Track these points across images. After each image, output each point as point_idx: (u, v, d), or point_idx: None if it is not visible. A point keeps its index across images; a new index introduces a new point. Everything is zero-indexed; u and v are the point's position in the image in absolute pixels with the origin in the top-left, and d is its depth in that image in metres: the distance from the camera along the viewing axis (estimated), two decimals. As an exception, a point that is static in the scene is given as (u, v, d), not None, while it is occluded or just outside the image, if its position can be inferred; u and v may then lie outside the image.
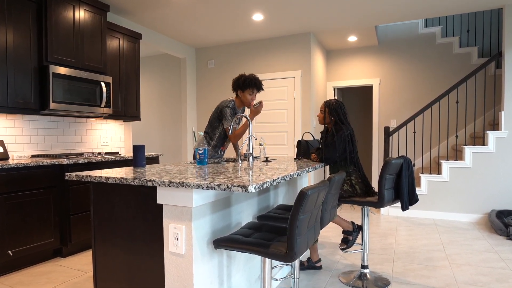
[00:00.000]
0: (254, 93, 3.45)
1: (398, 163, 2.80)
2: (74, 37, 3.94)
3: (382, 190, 2.75)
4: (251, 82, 3.39)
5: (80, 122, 4.52)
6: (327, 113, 3.17)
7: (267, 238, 1.89)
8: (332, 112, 3.14)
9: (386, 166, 2.71)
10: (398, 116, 6.64)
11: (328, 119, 3.17)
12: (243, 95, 3.45)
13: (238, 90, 3.47)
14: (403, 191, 2.83)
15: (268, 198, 2.86)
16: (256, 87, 3.42)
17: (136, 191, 2.00)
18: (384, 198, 2.75)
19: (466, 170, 5.15)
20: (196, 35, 6.01)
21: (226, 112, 3.41)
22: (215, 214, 2.05)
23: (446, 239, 4.23)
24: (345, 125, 3.10)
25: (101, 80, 4.18)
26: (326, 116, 3.18)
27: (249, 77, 3.40)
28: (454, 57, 6.25)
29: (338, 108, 3.15)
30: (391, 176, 2.80)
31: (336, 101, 3.19)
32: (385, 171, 2.72)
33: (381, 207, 2.78)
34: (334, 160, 3.07)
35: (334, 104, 3.16)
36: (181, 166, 2.64)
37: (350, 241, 3.11)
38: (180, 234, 1.84)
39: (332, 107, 3.15)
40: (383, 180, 2.74)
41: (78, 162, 3.69)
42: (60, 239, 3.63)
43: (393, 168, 2.77)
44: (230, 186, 1.62)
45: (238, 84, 3.44)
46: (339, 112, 3.13)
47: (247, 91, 3.42)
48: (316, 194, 1.72)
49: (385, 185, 2.75)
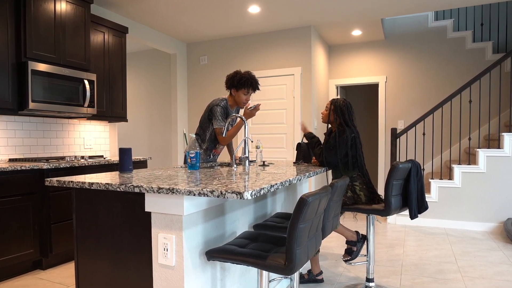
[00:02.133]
0: (250, 93, 3.46)
1: (406, 168, 2.82)
2: (55, 31, 3.94)
3: (389, 196, 2.76)
4: (247, 82, 3.40)
5: (61, 123, 4.52)
6: (331, 111, 3.19)
7: (264, 249, 1.90)
8: (337, 110, 3.17)
9: (393, 171, 2.73)
10: (406, 117, 6.67)
11: (332, 117, 3.19)
12: (237, 94, 3.46)
13: (232, 89, 3.48)
14: (412, 197, 2.85)
15: (265, 206, 2.87)
16: (252, 87, 3.43)
17: (122, 198, 2.01)
18: (391, 205, 2.77)
19: (480, 175, 5.18)
20: (187, 28, 6.03)
21: (216, 111, 3.42)
22: (208, 223, 2.06)
23: (458, 250, 4.25)
24: (350, 127, 3.12)
25: (85, 78, 4.19)
26: (330, 114, 3.21)
27: (245, 75, 3.41)
28: (467, 52, 6.29)
29: (344, 107, 3.17)
30: (399, 182, 2.81)
31: (345, 100, 3.22)
32: (392, 176, 2.73)
33: (387, 215, 2.80)
34: (335, 164, 3.09)
35: (341, 103, 3.18)
36: (171, 171, 2.64)
37: (354, 252, 3.12)
38: (170, 245, 1.85)
39: (337, 106, 3.17)
40: (390, 186, 2.75)
41: (60, 166, 3.69)
42: (40, 250, 3.62)
43: (401, 173, 2.79)
44: (224, 192, 1.64)
45: (232, 82, 3.45)
46: (345, 112, 3.15)
47: (242, 91, 3.43)
48: (318, 201, 1.73)
49: (392, 191, 2.77)
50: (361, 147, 3.15)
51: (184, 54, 6.84)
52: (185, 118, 6.85)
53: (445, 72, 6.41)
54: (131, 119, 7.76)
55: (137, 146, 7.70)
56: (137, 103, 7.70)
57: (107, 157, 4.77)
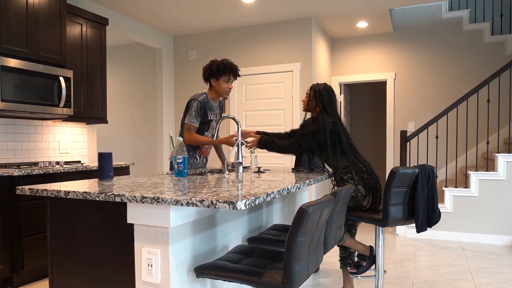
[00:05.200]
0: (231, 80, 3.57)
1: (409, 174, 2.82)
2: (27, 23, 3.95)
3: (387, 205, 2.80)
4: (226, 67, 3.50)
5: (34, 125, 4.52)
6: (311, 96, 3.27)
7: (260, 265, 1.91)
8: (316, 95, 3.24)
9: (392, 177, 2.76)
10: (417, 118, 6.71)
11: (313, 104, 3.26)
12: (218, 83, 3.55)
13: (211, 79, 3.57)
14: (418, 208, 2.85)
15: (260, 217, 2.88)
16: (232, 72, 3.54)
17: (102, 208, 2.02)
18: (388, 215, 2.79)
19: (499, 183, 5.21)
20: (174, 20, 6.05)
21: (191, 106, 3.50)
22: (197, 236, 2.07)
23: (475, 266, 4.28)
24: (328, 113, 3.17)
25: (60, 75, 4.19)
26: (310, 100, 3.28)
27: (223, 61, 3.51)
28: (485, 46, 6.34)
29: (324, 91, 3.24)
30: (402, 189, 2.83)
31: (325, 84, 3.29)
32: (391, 183, 2.77)
33: (385, 226, 2.82)
34: (310, 149, 3.14)
35: (321, 87, 3.25)
36: (156, 178, 2.65)
37: (362, 267, 3.14)
38: (154, 260, 1.86)
39: (317, 91, 3.25)
40: (388, 194, 2.79)
41: (32, 173, 3.68)
42: (11, 266, 3.61)
43: (403, 179, 2.80)
44: (215, 202, 1.65)
45: (211, 72, 3.54)
46: (324, 96, 3.22)
47: (222, 79, 3.53)
48: (319, 211, 1.75)
49: (391, 199, 2.79)
50: (347, 134, 3.17)
51: (170, 48, 6.86)
52: (171, 120, 6.86)
53: (461, 68, 6.46)
54: (112, 121, 7.76)
55: (118, 150, 7.70)
56: (118, 103, 7.70)
57: (85, 163, 4.77)
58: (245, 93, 6.39)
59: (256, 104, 6.30)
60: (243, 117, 6.40)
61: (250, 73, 6.32)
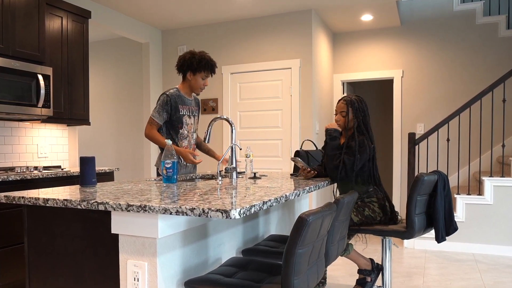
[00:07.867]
0: (208, 77, 3.65)
1: (432, 180, 2.82)
2: (3, 16, 3.95)
3: (412, 215, 2.75)
4: (207, 64, 3.57)
5: (10, 127, 4.51)
6: (351, 114, 3.12)
7: (256, 279, 1.92)
8: (357, 112, 3.12)
9: (418, 184, 2.73)
10: (427, 119, 6.73)
11: (352, 122, 3.14)
12: (195, 78, 3.61)
13: (188, 72, 3.61)
14: (439, 216, 2.84)
15: (256, 227, 2.89)
16: (211, 70, 3.62)
17: (84, 217, 2.02)
18: (414, 226, 2.76)
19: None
20: (163, 12, 6.05)
21: (159, 100, 3.56)
22: (188, 248, 2.07)
23: (489, 280, 4.29)
24: (369, 133, 3.11)
25: (38, 72, 4.19)
26: (349, 119, 3.13)
27: (204, 57, 3.57)
28: (500, 41, 6.36)
29: (365, 107, 3.15)
30: (423, 197, 2.82)
31: (358, 97, 3.18)
32: (416, 190, 2.73)
33: (410, 238, 2.79)
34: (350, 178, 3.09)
35: (358, 103, 3.14)
36: (142, 185, 2.66)
37: (368, 284, 3.14)
38: (141, 274, 1.86)
39: (356, 107, 3.12)
40: (413, 202, 2.74)
41: (8, 179, 3.68)
42: (-18, 282, 3.60)
43: (426, 186, 2.79)
44: (207, 210, 1.66)
45: (190, 64, 3.57)
46: (366, 113, 3.14)
47: (200, 74, 3.59)
48: (320, 221, 1.75)
49: (416, 209, 2.76)
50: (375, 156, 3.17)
51: (158, 43, 6.86)
52: (160, 121, 6.85)
53: (474, 65, 6.48)
54: (95, 122, 7.75)
55: (101, 154, 7.68)
56: (102, 103, 7.69)
57: (66, 168, 4.77)
58: (240, 92, 6.39)
59: (252, 104, 6.31)
60: (237, 118, 6.40)
61: (245, 71, 6.33)
